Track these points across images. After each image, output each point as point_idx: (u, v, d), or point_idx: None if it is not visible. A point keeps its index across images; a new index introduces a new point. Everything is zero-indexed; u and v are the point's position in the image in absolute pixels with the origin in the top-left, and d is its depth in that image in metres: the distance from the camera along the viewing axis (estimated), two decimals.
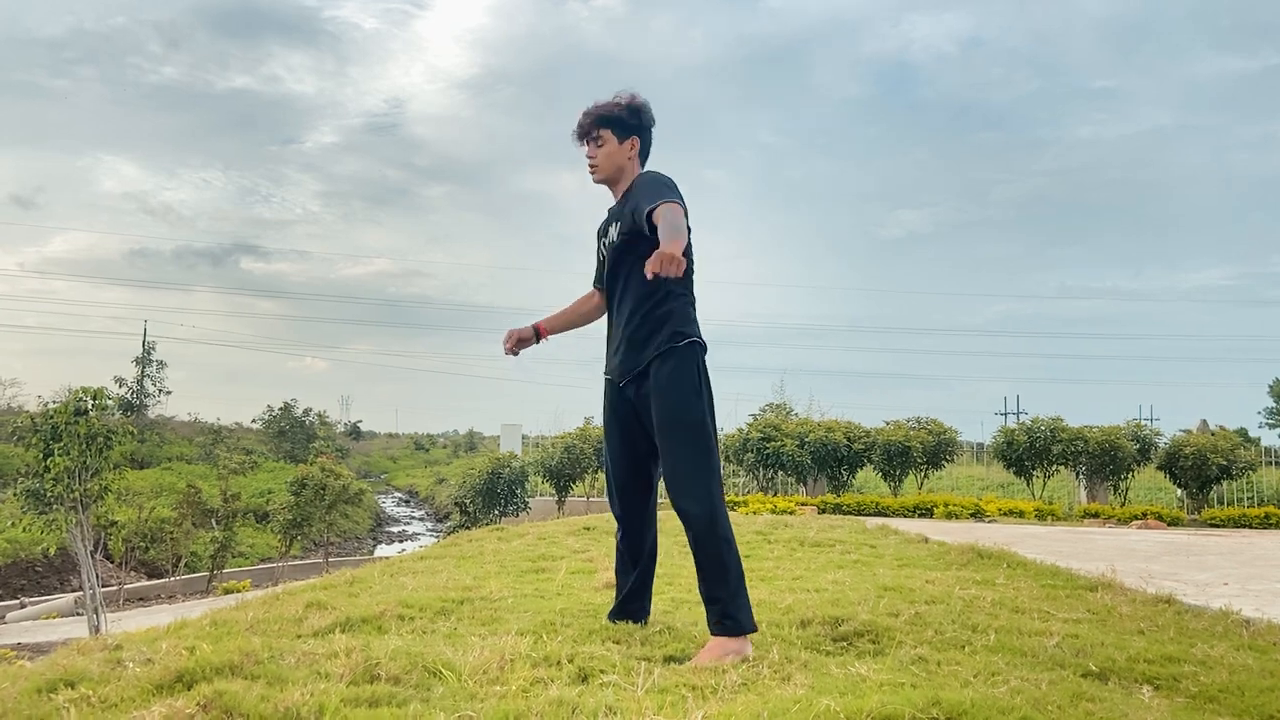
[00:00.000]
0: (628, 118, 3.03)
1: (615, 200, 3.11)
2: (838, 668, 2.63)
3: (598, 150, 3.04)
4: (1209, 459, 14.79)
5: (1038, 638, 3.11)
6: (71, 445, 8.60)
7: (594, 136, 3.04)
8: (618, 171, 3.06)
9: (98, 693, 2.31)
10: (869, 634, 3.05)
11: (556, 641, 2.80)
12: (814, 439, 14.99)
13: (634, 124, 3.04)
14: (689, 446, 2.82)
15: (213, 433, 36.42)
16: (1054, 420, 15.46)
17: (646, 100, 3.08)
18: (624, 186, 3.06)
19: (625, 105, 3.04)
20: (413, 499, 40.41)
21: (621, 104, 3.04)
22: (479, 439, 54.13)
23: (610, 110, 3.03)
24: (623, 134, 3.03)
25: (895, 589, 4.09)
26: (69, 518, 8.88)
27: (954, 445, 16.34)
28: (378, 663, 2.45)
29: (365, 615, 3.26)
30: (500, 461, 15.81)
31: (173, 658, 2.54)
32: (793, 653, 2.77)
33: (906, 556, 5.52)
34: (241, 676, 2.41)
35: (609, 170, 3.06)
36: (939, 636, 3.07)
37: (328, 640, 2.81)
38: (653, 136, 3.11)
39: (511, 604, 3.67)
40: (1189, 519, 13.92)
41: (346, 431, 54.54)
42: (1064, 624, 3.40)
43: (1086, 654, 2.90)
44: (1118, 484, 15.39)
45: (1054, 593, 4.24)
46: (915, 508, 13.31)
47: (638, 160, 3.08)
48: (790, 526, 7.24)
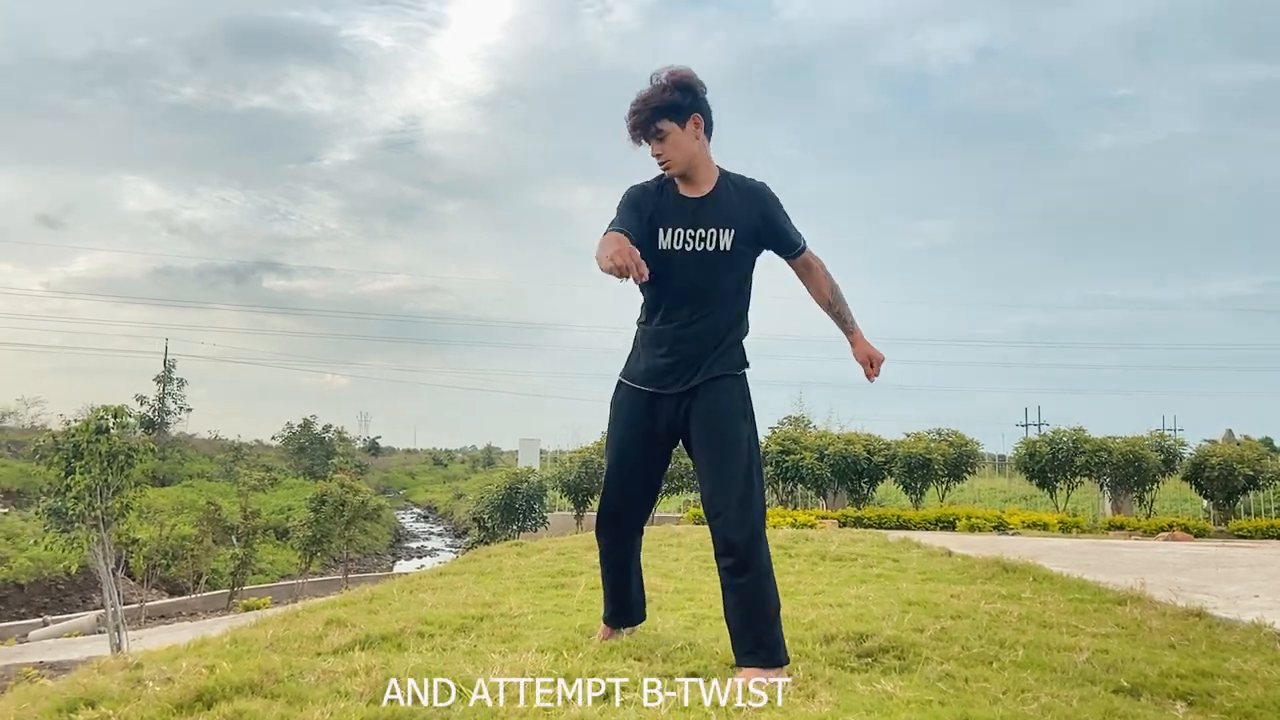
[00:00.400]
0: (681, 99, 2.76)
1: (694, 190, 2.84)
2: (863, 685, 2.59)
3: (664, 146, 2.78)
4: (1235, 469, 14.58)
5: (1067, 653, 3.05)
6: (93, 463, 8.67)
7: (655, 132, 2.77)
8: (692, 159, 2.80)
9: (118, 712, 2.31)
10: (894, 650, 3.00)
11: (577, 658, 2.77)
12: (834, 451, 14.89)
13: (689, 102, 2.77)
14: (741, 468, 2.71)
15: (233, 450, 36.68)
16: (1076, 431, 15.30)
17: (688, 69, 2.80)
18: (705, 171, 2.84)
19: (675, 86, 2.76)
20: (431, 514, 40.46)
21: (669, 86, 2.76)
22: (497, 454, 54.18)
23: (663, 98, 2.75)
24: (682, 118, 2.76)
25: (920, 604, 4.03)
26: (91, 536, 8.94)
27: (975, 457, 16.22)
28: (397, 680, 2.44)
29: (385, 633, 3.24)
30: (518, 476, 15.82)
31: (193, 676, 2.53)
32: (817, 669, 2.73)
33: (930, 570, 5.45)
34: (261, 695, 2.40)
35: (684, 163, 2.80)
36: (966, 652, 3.02)
37: (347, 658, 2.80)
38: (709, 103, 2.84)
39: (531, 620, 3.64)
40: (1215, 530, 13.72)
41: (365, 447, 54.73)
42: (1093, 639, 3.34)
43: (1117, 669, 2.84)
44: (1142, 495, 15.19)
45: (1082, 607, 4.17)
46: (937, 520, 13.19)
47: (704, 139, 2.83)
48: (811, 540, 7.17)
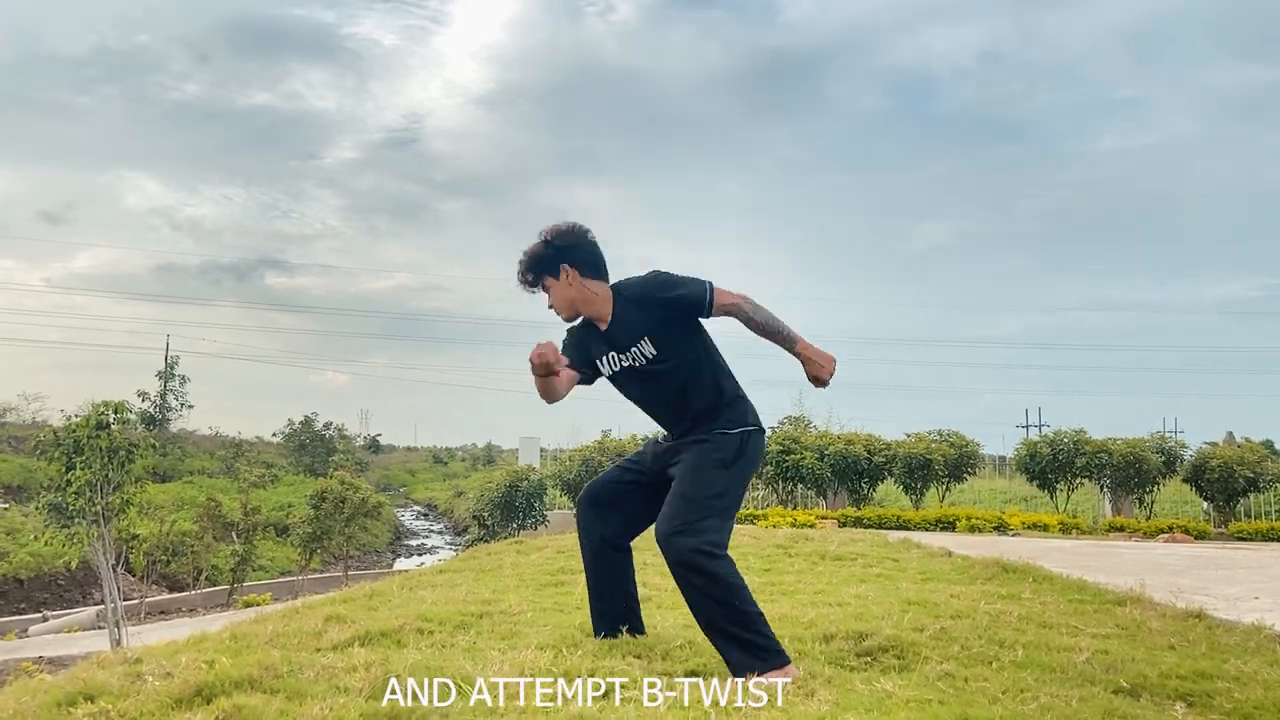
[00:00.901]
0: (552, 254, 2.95)
1: (601, 324, 2.98)
2: (862, 684, 2.59)
3: (549, 296, 2.99)
4: (1236, 471, 14.57)
5: (1067, 653, 3.05)
6: (93, 459, 8.67)
7: (538, 287, 3.01)
8: (573, 304, 2.98)
9: (117, 707, 2.30)
10: (894, 649, 3.00)
11: (577, 656, 2.77)
12: (834, 451, 14.89)
13: (556, 256, 2.95)
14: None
15: (234, 446, 36.66)
16: (1077, 432, 15.29)
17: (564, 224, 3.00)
18: (598, 306, 2.97)
19: (545, 244, 2.97)
20: (431, 512, 40.46)
21: (542, 244, 2.98)
22: (497, 452, 54.16)
23: (536, 256, 2.98)
24: (554, 270, 2.94)
25: (919, 603, 4.03)
26: (90, 531, 8.94)
27: (976, 458, 16.22)
28: (397, 677, 2.43)
29: (384, 629, 3.25)
30: (518, 474, 15.81)
31: (192, 671, 2.53)
32: (816, 668, 2.73)
33: (930, 570, 5.45)
34: (260, 691, 2.39)
35: (568, 309, 3.00)
36: (965, 652, 3.02)
37: (347, 654, 2.80)
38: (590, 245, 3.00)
39: (531, 618, 3.64)
40: (1215, 532, 13.71)
41: (366, 445, 54.68)
42: (1093, 639, 3.33)
43: (1117, 670, 2.84)
44: (1142, 497, 15.18)
45: (1082, 607, 4.17)
46: (937, 521, 13.18)
47: (585, 282, 2.96)
48: (811, 540, 7.18)
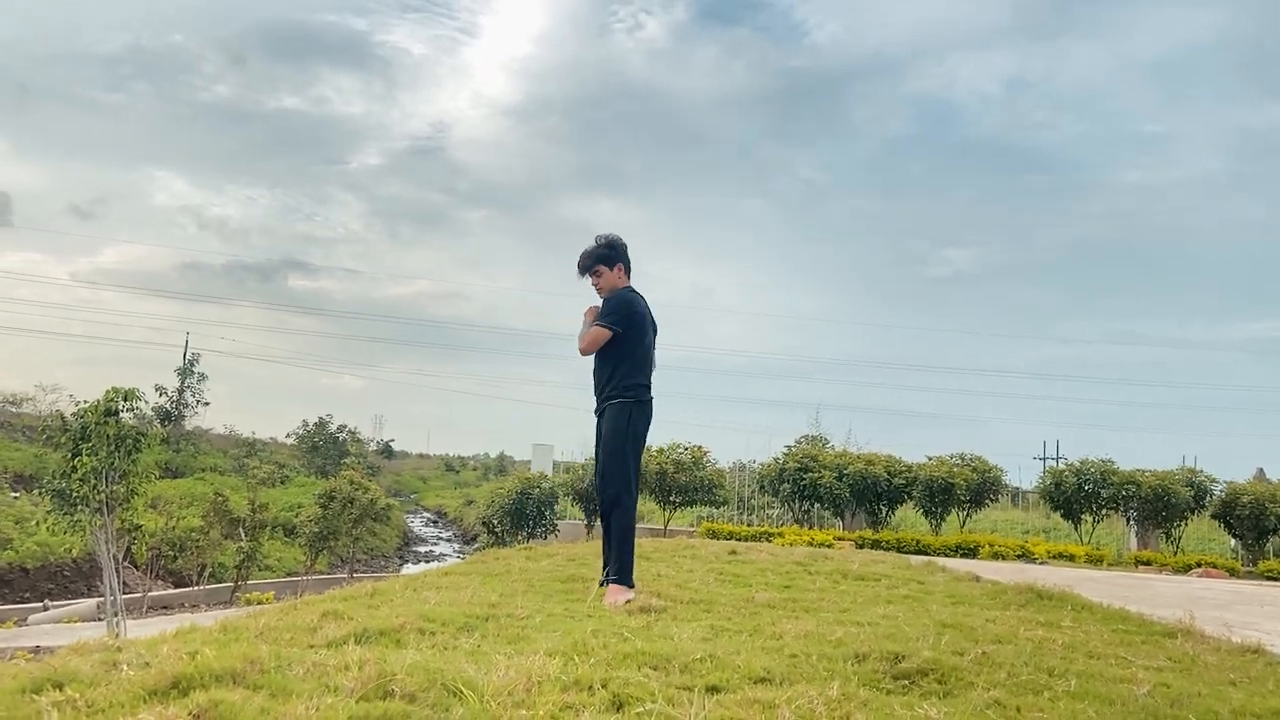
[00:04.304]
0: (609, 252, 4.64)
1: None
2: (902, 709, 2.35)
3: (601, 280, 4.63)
4: (1267, 508, 14.14)
5: (1124, 685, 2.80)
6: (100, 446, 8.50)
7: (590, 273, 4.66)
8: (614, 289, 4.62)
9: (85, 696, 2.11)
10: (934, 673, 2.75)
11: (588, 664, 2.55)
12: (853, 471, 14.56)
13: (612, 254, 4.65)
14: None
15: (247, 445, 36.67)
16: (1105, 463, 14.88)
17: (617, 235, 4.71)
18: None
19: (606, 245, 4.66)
20: (441, 519, 40.30)
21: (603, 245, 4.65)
22: (510, 462, 53.98)
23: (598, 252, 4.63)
24: (609, 264, 4.64)
25: (954, 626, 3.77)
26: (94, 520, 8.77)
27: (999, 484, 15.81)
28: (392, 678, 2.22)
29: (383, 627, 3.04)
30: (530, 482, 15.59)
31: (172, 662, 2.33)
32: (850, 689, 2.49)
33: (959, 594, 5.18)
34: (243, 686, 2.19)
35: (610, 290, 4.62)
36: (1012, 679, 2.77)
37: (341, 651, 2.58)
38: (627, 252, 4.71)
39: (539, 623, 3.42)
40: (1244, 570, 13.29)
41: (378, 450, 54.61)
42: (1147, 671, 3.07)
43: (1183, 705, 2.58)
44: (1169, 531, 14.76)
45: (1128, 638, 3.90)
46: (958, 547, 12.82)
47: (623, 275, 4.67)
48: (830, 559, 6.91)
